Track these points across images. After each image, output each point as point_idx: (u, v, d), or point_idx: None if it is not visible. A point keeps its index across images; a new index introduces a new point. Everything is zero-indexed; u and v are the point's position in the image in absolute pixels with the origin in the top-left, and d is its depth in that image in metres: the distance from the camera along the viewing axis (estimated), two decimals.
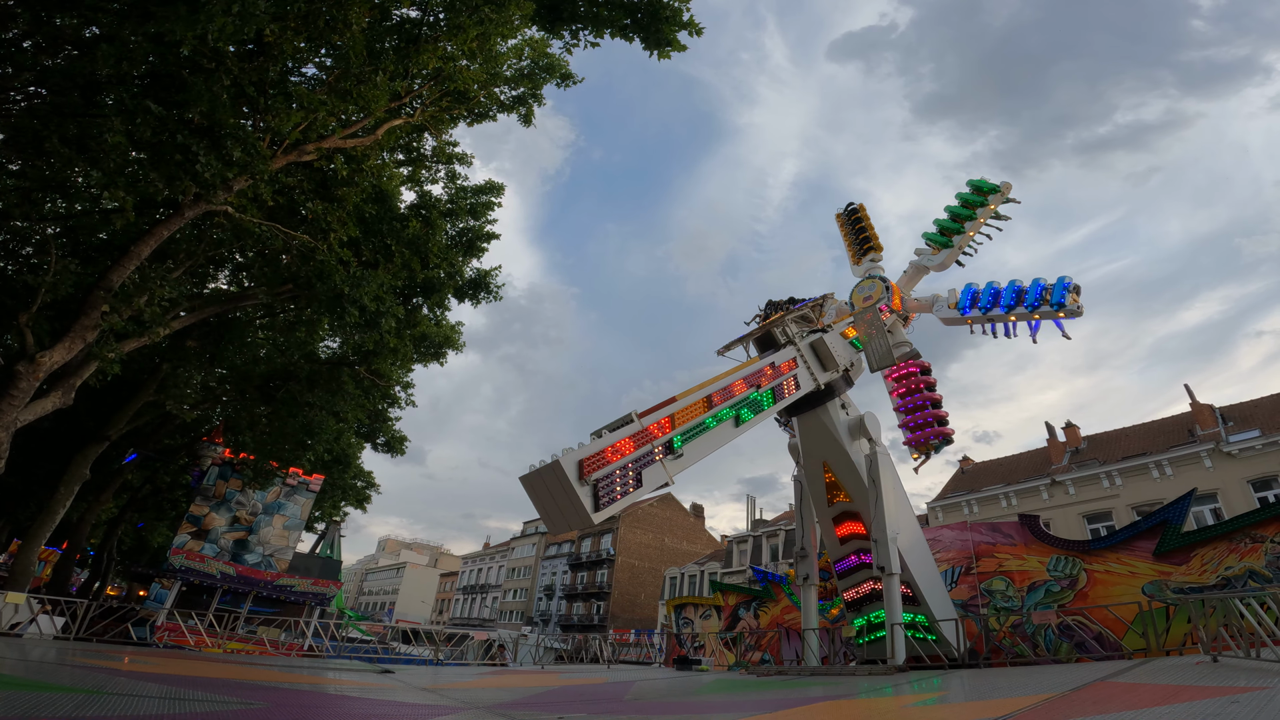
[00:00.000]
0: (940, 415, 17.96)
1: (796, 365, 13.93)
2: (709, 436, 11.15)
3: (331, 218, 15.53)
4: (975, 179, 18.54)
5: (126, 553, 37.48)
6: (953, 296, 17.49)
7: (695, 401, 11.04)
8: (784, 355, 13.90)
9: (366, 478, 37.36)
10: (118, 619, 22.27)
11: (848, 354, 15.27)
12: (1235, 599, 8.02)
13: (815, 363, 14.46)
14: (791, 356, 13.96)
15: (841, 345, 15.17)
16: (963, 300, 17.08)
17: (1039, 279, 16.15)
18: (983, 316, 16.54)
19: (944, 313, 17.56)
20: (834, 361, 14.63)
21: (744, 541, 51.98)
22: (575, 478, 8.85)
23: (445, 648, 30.00)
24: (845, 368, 15.02)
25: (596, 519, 9.18)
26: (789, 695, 9.99)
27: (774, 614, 23.08)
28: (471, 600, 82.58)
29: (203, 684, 9.47)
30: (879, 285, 18.02)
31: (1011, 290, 16.30)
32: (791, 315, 15.68)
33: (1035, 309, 15.65)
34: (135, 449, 27.22)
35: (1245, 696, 5.36)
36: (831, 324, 16.01)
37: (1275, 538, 13.07)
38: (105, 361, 13.80)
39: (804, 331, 15.27)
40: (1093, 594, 15.18)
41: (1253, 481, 26.26)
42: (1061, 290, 15.43)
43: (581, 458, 9.10)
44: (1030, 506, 31.89)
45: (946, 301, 17.59)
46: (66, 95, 11.38)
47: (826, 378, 14.55)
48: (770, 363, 13.32)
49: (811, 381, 14.18)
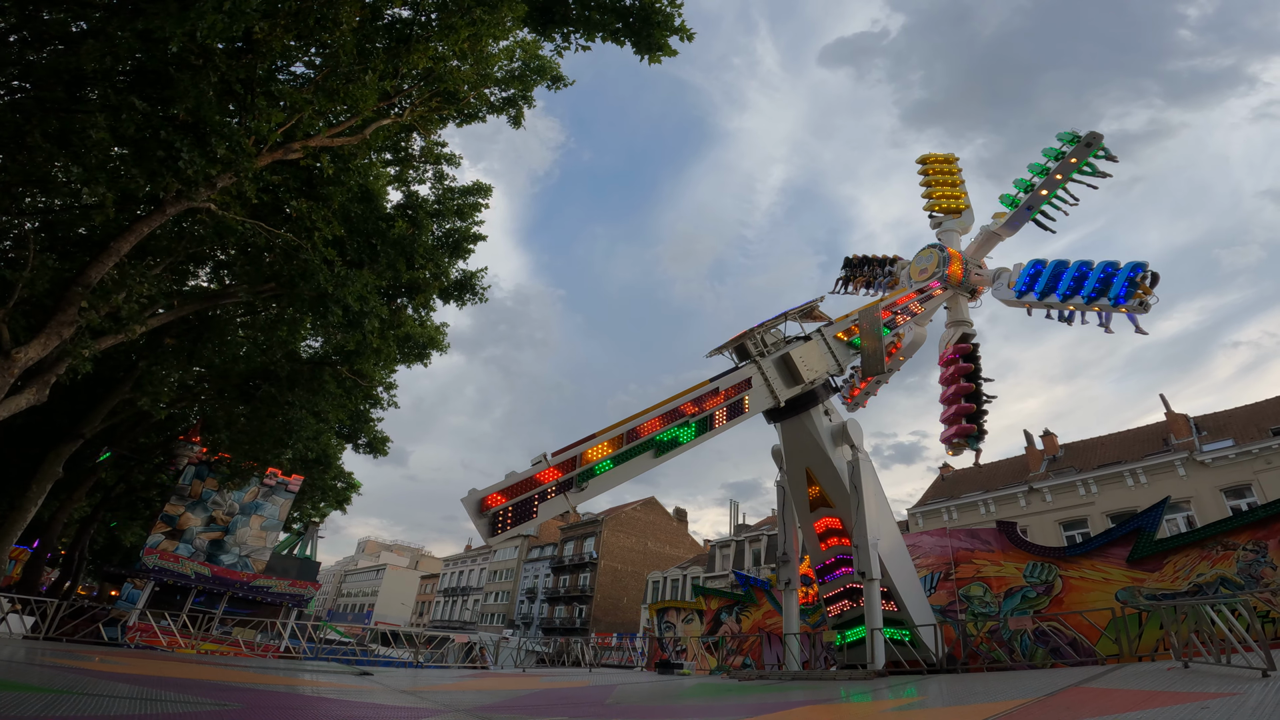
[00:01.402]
0: (966, 410, 16.48)
1: (750, 385, 13.69)
2: (619, 471, 12.06)
3: (316, 216, 15.39)
4: (1064, 131, 16.09)
5: (98, 552, 36.82)
6: (1017, 273, 15.58)
7: (605, 441, 12.12)
8: (734, 378, 13.60)
9: (347, 478, 37.04)
10: (89, 619, 21.93)
11: (823, 364, 14.69)
12: (1206, 605, 8.14)
13: (781, 378, 14.10)
14: (746, 377, 13.76)
15: (817, 354, 14.68)
16: (1020, 280, 15.12)
17: (1109, 262, 13.85)
18: (1039, 302, 14.73)
19: (1002, 293, 15.68)
20: (802, 376, 14.21)
21: (727, 546, 52.12)
22: (475, 511, 10.97)
23: (425, 650, 29.77)
24: (817, 378, 14.60)
25: (492, 542, 12.50)
26: (770, 699, 10.04)
27: (756, 618, 23.15)
28: (452, 603, 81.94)
29: (175, 685, 9.33)
30: (935, 256, 16.45)
31: (1071, 275, 14.23)
32: (794, 312, 15.34)
33: (1093, 300, 13.77)
34: (110, 447, 26.75)
35: (1216, 702, 5.48)
36: (827, 325, 15.33)
37: (1246, 545, 13.34)
38: (80, 359, 13.57)
39: (780, 342, 14.85)
40: (1068, 600, 15.40)
41: (1225, 490, 26.82)
42: (1124, 284, 13.29)
43: (481, 497, 11.13)
44: (1008, 513, 32.28)
45: (1007, 279, 15.62)
46: (50, 90, 11.20)
47: (792, 393, 14.24)
48: (715, 387, 13.14)
49: (770, 400, 13.91)
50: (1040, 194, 15.81)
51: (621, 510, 70.63)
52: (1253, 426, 28.94)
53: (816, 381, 14.63)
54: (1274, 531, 13.09)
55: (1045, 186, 15.81)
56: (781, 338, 15.42)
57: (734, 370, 13.97)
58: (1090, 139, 15.33)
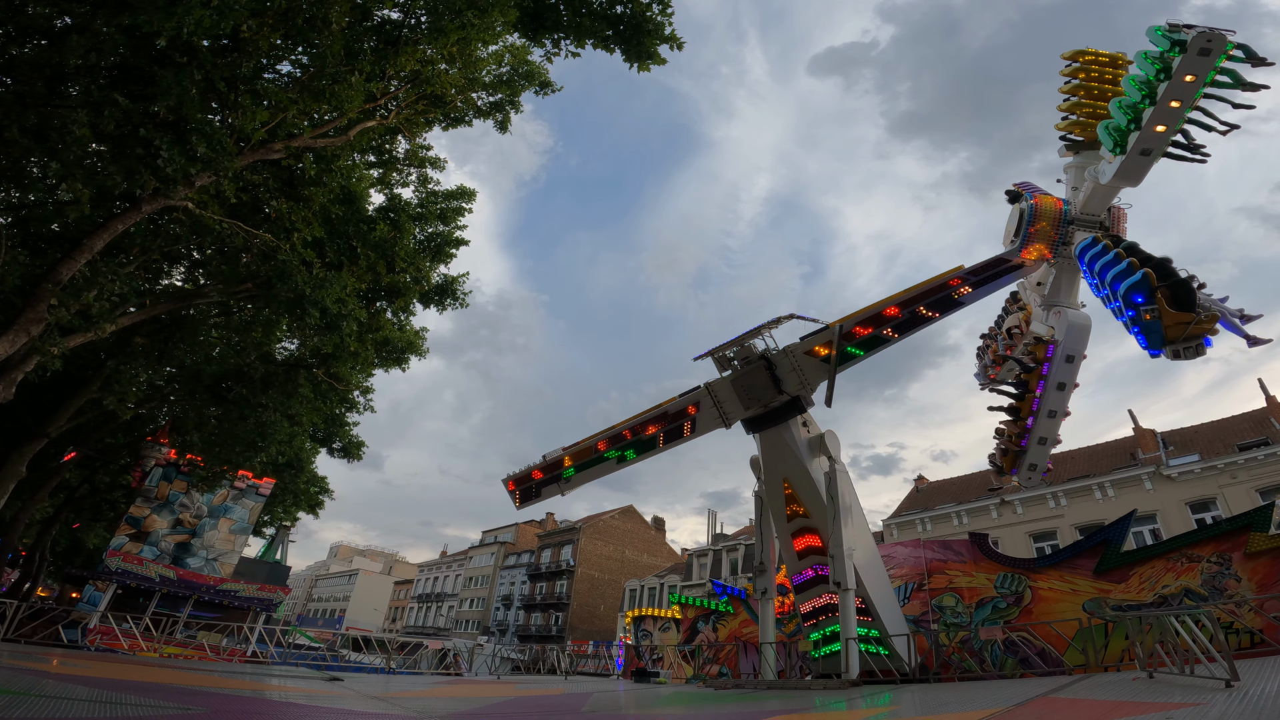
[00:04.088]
0: (1016, 430, 14.90)
1: (697, 410, 15.61)
2: (592, 471, 16.31)
3: (296, 217, 15.22)
4: (1159, 25, 11.42)
5: (60, 554, 35.89)
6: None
7: (586, 446, 16.45)
8: (685, 400, 15.80)
9: (320, 483, 36.52)
10: (48, 620, 21.42)
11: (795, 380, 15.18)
12: (1171, 617, 8.29)
13: (734, 400, 15.49)
14: (697, 400, 15.71)
15: (787, 369, 15.26)
16: (1079, 256, 12.32)
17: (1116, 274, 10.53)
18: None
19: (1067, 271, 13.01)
20: (752, 400, 15.24)
21: (704, 555, 52.14)
22: (506, 488, 16.51)
23: (398, 656, 29.36)
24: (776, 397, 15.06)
25: (520, 512, 17.29)
26: (745, 708, 10.09)
27: (732, 627, 23.21)
28: (427, 609, 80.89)
29: (136, 688, 9.15)
30: (1017, 215, 13.80)
31: (1094, 272, 11.53)
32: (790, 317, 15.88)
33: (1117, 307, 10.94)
34: (75, 447, 26.10)
35: (1180, 713, 5.62)
36: (794, 343, 15.69)
37: (1211, 558, 13.66)
38: (48, 357, 13.26)
39: (740, 359, 15.80)
40: (1037, 610, 15.66)
41: (1190, 504, 27.48)
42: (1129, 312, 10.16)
43: (507, 476, 16.63)
44: (980, 525, 32.77)
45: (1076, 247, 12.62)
46: (31, 85, 10.96)
47: (741, 416, 15.36)
48: (664, 411, 15.93)
49: (717, 422, 15.60)
50: (1157, 132, 11.45)
51: (599, 518, 70.39)
52: (1218, 442, 29.74)
53: (775, 401, 15.20)
54: (1238, 544, 13.43)
55: (1163, 119, 11.30)
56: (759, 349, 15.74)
57: (688, 392, 16.03)
58: (1210, 40, 10.52)
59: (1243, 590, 12.99)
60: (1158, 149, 11.83)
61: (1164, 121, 11.40)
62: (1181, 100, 11.15)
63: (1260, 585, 12.82)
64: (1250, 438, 28.59)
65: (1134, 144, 11.77)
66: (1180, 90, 11.06)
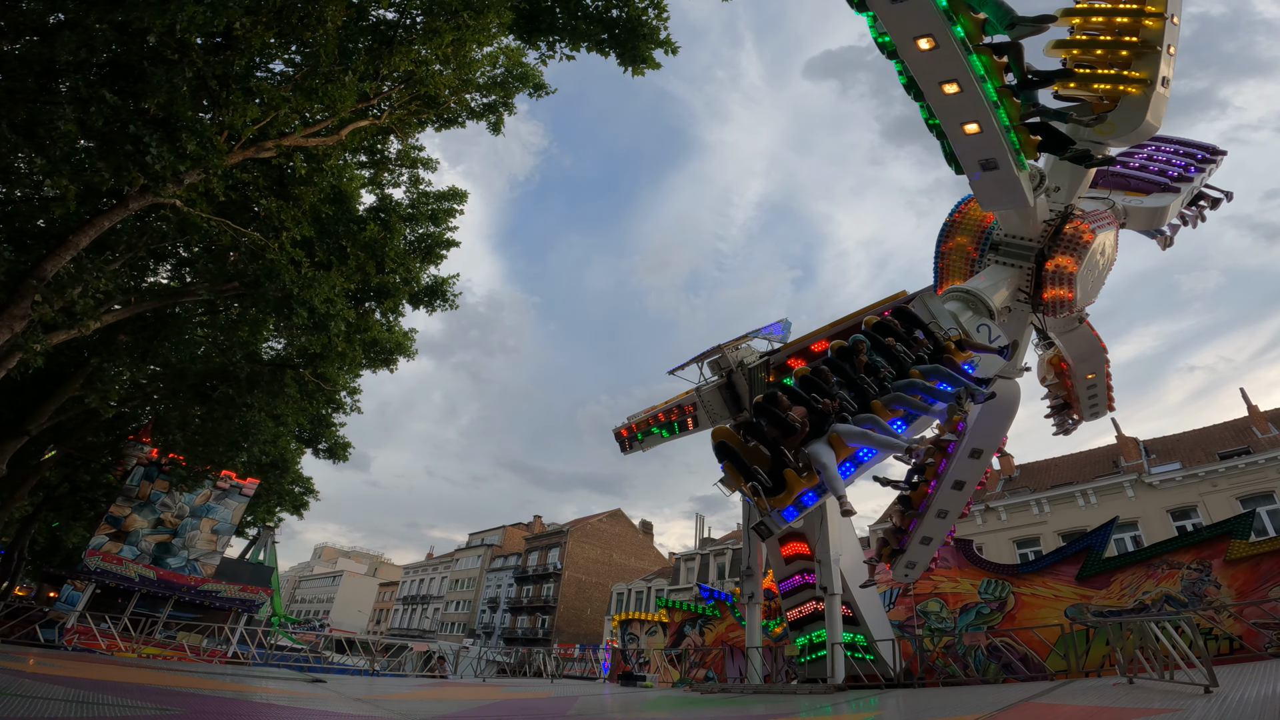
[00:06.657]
0: (901, 525, 14.05)
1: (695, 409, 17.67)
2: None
3: (286, 216, 15.10)
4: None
5: (39, 553, 35.30)
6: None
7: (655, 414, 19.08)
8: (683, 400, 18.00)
9: (305, 483, 36.17)
10: (25, 620, 21.15)
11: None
12: (1151, 623, 8.38)
13: (720, 406, 17.35)
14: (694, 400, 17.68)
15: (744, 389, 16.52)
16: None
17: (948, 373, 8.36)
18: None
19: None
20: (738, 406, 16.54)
21: (692, 559, 52.12)
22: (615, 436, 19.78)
23: (382, 658, 29.13)
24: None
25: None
26: (731, 713, 10.10)
27: (719, 631, 23.22)
28: (412, 611, 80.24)
29: (114, 688, 9.04)
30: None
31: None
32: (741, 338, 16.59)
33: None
34: (56, 445, 25.72)
35: (1159, 718, 5.70)
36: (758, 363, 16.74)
37: (1191, 564, 13.86)
38: (31, 353, 13.07)
39: (724, 369, 17.38)
40: (1020, 616, 15.80)
41: (1172, 511, 27.83)
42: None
43: (618, 426, 19.82)
44: (965, 531, 32.93)
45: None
46: (20, 80, 10.82)
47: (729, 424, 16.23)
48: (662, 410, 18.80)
49: (707, 421, 17.41)
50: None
51: (587, 521, 70.21)
52: (1200, 450, 30.12)
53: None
54: (1218, 551, 13.63)
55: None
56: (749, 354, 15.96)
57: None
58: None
59: (1222, 597, 13.17)
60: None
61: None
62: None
63: (1239, 592, 13.01)
64: (1232, 446, 28.97)
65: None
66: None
